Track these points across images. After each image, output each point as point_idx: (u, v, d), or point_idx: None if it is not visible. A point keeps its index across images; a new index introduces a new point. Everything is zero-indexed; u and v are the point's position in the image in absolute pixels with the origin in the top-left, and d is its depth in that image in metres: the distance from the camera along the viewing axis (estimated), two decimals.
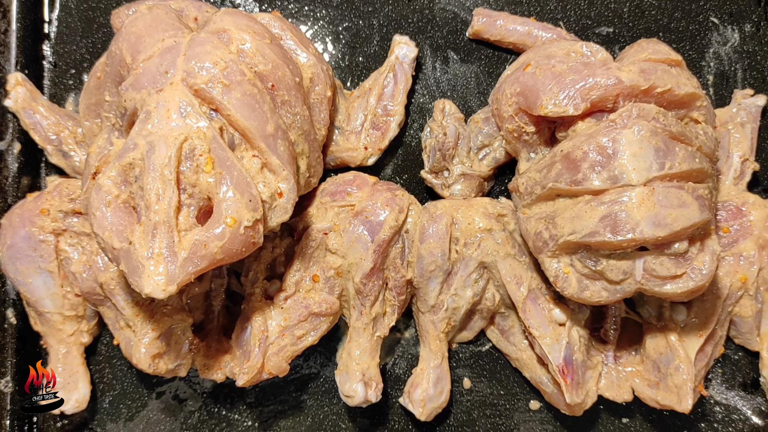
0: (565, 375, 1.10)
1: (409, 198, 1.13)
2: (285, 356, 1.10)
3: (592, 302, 1.03)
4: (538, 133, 1.08)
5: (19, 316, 1.18)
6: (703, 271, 0.98)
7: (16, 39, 1.20)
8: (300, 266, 1.12)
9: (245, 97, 0.96)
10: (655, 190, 0.95)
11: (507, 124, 1.10)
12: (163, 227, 0.91)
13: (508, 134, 1.11)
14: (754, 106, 1.20)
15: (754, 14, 1.25)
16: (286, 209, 0.99)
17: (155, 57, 0.98)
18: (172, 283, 0.89)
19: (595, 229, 0.96)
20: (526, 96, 1.05)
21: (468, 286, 1.13)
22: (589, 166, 0.98)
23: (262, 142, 0.96)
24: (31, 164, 1.21)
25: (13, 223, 1.11)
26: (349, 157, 1.18)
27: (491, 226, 1.12)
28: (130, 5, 1.15)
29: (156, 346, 1.07)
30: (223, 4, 1.26)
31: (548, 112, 1.02)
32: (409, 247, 1.12)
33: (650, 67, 1.02)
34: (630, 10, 1.25)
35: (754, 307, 1.14)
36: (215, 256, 0.91)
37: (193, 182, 0.93)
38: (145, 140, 0.93)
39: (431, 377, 1.16)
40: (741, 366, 1.22)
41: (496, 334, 1.20)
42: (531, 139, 1.09)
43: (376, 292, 1.11)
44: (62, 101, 1.24)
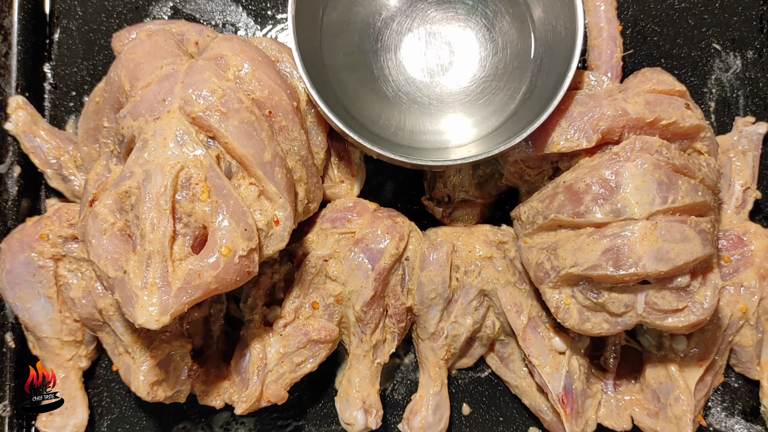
0: (564, 404, 1.09)
1: (409, 225, 1.13)
2: (284, 384, 1.10)
3: (594, 334, 1.02)
4: (540, 174, 1.08)
5: (18, 340, 1.18)
6: (704, 305, 0.98)
7: (17, 62, 1.20)
8: (299, 293, 1.12)
9: (243, 124, 0.96)
10: (657, 224, 0.95)
11: (510, 167, 1.10)
12: (158, 257, 0.90)
13: (509, 174, 1.11)
14: (756, 133, 1.20)
15: (757, 41, 1.25)
16: (283, 237, 0.98)
17: (153, 84, 0.97)
18: (165, 313, 0.89)
19: (597, 262, 0.96)
20: (533, 139, 1.04)
21: (468, 314, 1.12)
22: (592, 198, 0.98)
23: (260, 170, 0.96)
24: (30, 187, 1.21)
25: (13, 248, 1.11)
26: (332, 194, 1.17)
27: (492, 254, 1.12)
28: (131, 28, 1.15)
29: (155, 374, 1.07)
30: (224, 27, 1.26)
31: (561, 149, 1.01)
32: (410, 274, 1.12)
33: (655, 99, 1.02)
34: (632, 36, 1.25)
35: (754, 336, 1.14)
36: (209, 285, 0.91)
37: (188, 211, 0.92)
38: (142, 168, 0.93)
39: (430, 404, 1.15)
40: (741, 394, 1.21)
41: (495, 361, 1.20)
42: (533, 178, 1.09)
43: (377, 319, 1.10)
44: (63, 123, 1.24)
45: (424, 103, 1.14)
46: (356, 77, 1.13)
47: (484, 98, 1.14)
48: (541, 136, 1.03)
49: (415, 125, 1.14)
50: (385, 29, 1.15)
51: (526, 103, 1.10)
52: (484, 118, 1.13)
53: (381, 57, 1.14)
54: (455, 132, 1.13)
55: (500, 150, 1.00)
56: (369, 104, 1.13)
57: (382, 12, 1.14)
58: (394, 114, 1.14)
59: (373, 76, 1.14)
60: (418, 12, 1.15)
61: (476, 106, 1.13)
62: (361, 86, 1.13)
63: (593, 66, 1.17)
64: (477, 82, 1.14)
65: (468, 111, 1.14)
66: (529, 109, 1.08)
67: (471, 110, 1.14)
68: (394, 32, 1.15)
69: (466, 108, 1.14)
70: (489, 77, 1.14)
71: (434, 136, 1.13)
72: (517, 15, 1.13)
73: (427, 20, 1.15)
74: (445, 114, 1.14)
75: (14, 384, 1.17)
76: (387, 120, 1.13)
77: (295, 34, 1.02)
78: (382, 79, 1.14)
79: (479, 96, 1.14)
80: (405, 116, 1.14)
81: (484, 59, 1.14)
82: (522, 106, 1.10)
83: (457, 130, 1.13)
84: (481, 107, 1.13)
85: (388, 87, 1.14)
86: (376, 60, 1.14)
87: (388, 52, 1.14)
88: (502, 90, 1.13)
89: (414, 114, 1.14)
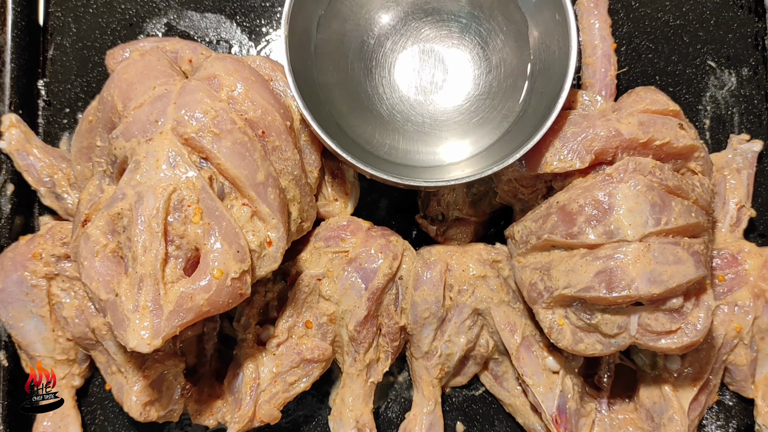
0: (558, 424, 1.09)
1: (403, 244, 1.12)
2: (277, 403, 1.09)
3: (587, 354, 1.02)
4: (534, 193, 1.08)
5: (11, 358, 1.17)
6: (697, 326, 0.98)
7: (11, 79, 1.19)
8: (293, 312, 1.12)
9: (235, 145, 0.95)
10: (650, 246, 0.95)
11: (504, 186, 1.10)
12: (149, 280, 0.90)
13: (503, 193, 1.11)
14: (750, 151, 1.20)
15: (752, 58, 1.25)
16: (276, 258, 0.98)
17: (146, 105, 0.97)
18: (157, 337, 0.89)
19: (590, 284, 0.96)
20: (527, 158, 1.04)
21: (462, 333, 1.12)
22: (585, 220, 0.97)
23: (252, 191, 0.96)
24: (24, 204, 1.21)
25: (5, 267, 1.11)
26: (326, 213, 1.17)
27: (485, 273, 1.11)
28: (125, 46, 1.15)
29: (147, 393, 1.07)
30: (218, 44, 1.26)
31: (554, 169, 1.01)
32: (403, 293, 1.11)
33: (649, 120, 1.02)
34: (627, 53, 1.25)
35: (749, 355, 1.13)
36: (201, 308, 0.91)
37: (180, 233, 0.92)
38: (134, 190, 0.93)
39: (424, 423, 1.15)
40: (735, 413, 1.21)
41: (489, 379, 1.20)
42: (526, 197, 1.08)
43: (370, 339, 1.10)
44: (56, 140, 1.24)
45: (418, 122, 1.14)
46: (350, 95, 1.13)
47: (478, 117, 1.13)
48: (535, 156, 1.03)
49: (408, 144, 1.13)
50: (379, 48, 1.14)
51: (519, 123, 1.10)
52: (479, 137, 1.13)
53: (375, 75, 1.14)
54: (449, 151, 1.13)
55: (493, 170, 1.00)
56: (363, 123, 1.13)
57: (376, 30, 1.14)
58: (388, 133, 1.13)
59: (366, 94, 1.14)
60: (411, 30, 1.15)
61: (470, 124, 1.13)
62: (354, 105, 1.13)
63: (587, 84, 1.17)
64: (471, 101, 1.14)
65: (462, 129, 1.13)
66: (522, 128, 1.07)
67: (465, 129, 1.13)
68: (388, 51, 1.14)
69: (459, 126, 1.14)
70: (483, 95, 1.14)
71: (428, 155, 1.13)
72: (511, 33, 1.13)
73: (421, 38, 1.15)
74: (439, 132, 1.14)
75: (7, 403, 1.16)
76: (381, 139, 1.13)
77: (288, 52, 1.01)
78: (376, 97, 1.14)
79: (473, 114, 1.14)
80: (399, 135, 1.14)
81: (478, 77, 1.14)
82: (516, 125, 1.10)
83: (451, 149, 1.13)
84: (474, 126, 1.13)
85: (382, 105, 1.14)
86: (370, 78, 1.14)
87: (382, 71, 1.14)
88: (495, 108, 1.13)
89: (408, 132, 1.14)
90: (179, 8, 1.26)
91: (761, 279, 1.12)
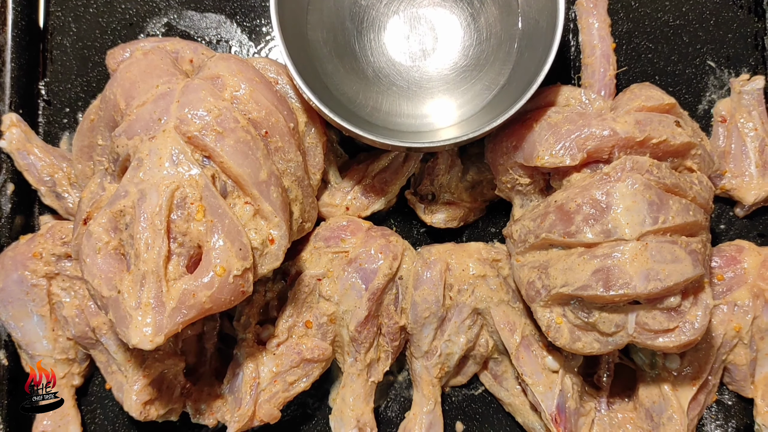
0: (557, 423, 1.09)
1: (403, 244, 1.13)
2: (276, 403, 1.10)
3: (585, 353, 1.02)
4: (533, 184, 1.08)
5: (11, 357, 1.17)
6: (695, 325, 0.98)
7: (11, 79, 1.20)
8: (293, 312, 1.12)
9: (238, 144, 0.96)
10: (648, 245, 0.95)
11: (501, 176, 1.10)
12: (152, 277, 0.90)
13: (501, 184, 1.11)
14: (755, 90, 1.21)
15: (751, 58, 1.25)
16: (277, 256, 0.98)
17: (149, 103, 0.97)
18: (159, 333, 0.89)
19: (587, 282, 0.96)
20: (522, 148, 1.04)
21: (462, 333, 1.12)
22: (583, 218, 0.98)
23: (255, 189, 0.96)
24: (24, 203, 1.21)
25: (6, 267, 1.11)
26: (327, 212, 1.17)
27: (485, 272, 1.12)
28: (125, 46, 1.15)
29: (147, 393, 1.07)
30: (218, 44, 1.26)
31: (545, 163, 1.01)
32: (403, 293, 1.12)
33: (645, 118, 1.02)
34: (626, 53, 1.25)
35: (748, 355, 1.14)
36: (204, 305, 0.91)
37: (183, 231, 0.92)
38: (137, 188, 0.93)
39: (424, 422, 1.15)
40: (735, 412, 1.21)
41: (489, 379, 1.20)
42: (525, 189, 1.09)
43: (371, 339, 1.10)
44: (57, 140, 1.24)
45: (402, 86, 1.15)
46: (337, 54, 1.14)
47: (463, 86, 1.14)
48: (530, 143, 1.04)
49: (391, 107, 1.14)
50: (371, 9, 1.15)
51: (501, 95, 1.11)
52: (460, 105, 1.14)
53: (364, 36, 1.15)
54: (431, 117, 1.14)
55: (469, 137, 1.00)
56: (348, 82, 1.13)
57: None
58: (372, 94, 1.14)
59: (354, 54, 1.14)
60: None
61: (454, 94, 1.14)
62: (341, 63, 1.14)
63: (587, 84, 1.17)
64: (458, 70, 1.14)
65: (445, 98, 1.14)
66: (504, 100, 1.08)
67: (448, 97, 1.14)
68: (380, 13, 1.15)
69: (443, 95, 1.14)
70: (470, 66, 1.14)
71: (409, 119, 1.14)
72: (503, 6, 1.13)
73: (414, 3, 1.15)
74: (422, 99, 1.15)
75: (8, 401, 1.16)
76: (364, 100, 1.14)
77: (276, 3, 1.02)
78: (363, 58, 1.15)
79: (458, 84, 1.14)
80: (382, 97, 1.14)
81: (467, 48, 1.15)
82: (497, 97, 1.11)
83: (433, 116, 1.14)
84: (458, 95, 1.14)
85: (368, 67, 1.14)
86: (359, 39, 1.14)
87: (372, 33, 1.15)
88: (481, 80, 1.14)
89: (391, 96, 1.14)
90: (179, 8, 1.26)
91: (761, 278, 1.12)
